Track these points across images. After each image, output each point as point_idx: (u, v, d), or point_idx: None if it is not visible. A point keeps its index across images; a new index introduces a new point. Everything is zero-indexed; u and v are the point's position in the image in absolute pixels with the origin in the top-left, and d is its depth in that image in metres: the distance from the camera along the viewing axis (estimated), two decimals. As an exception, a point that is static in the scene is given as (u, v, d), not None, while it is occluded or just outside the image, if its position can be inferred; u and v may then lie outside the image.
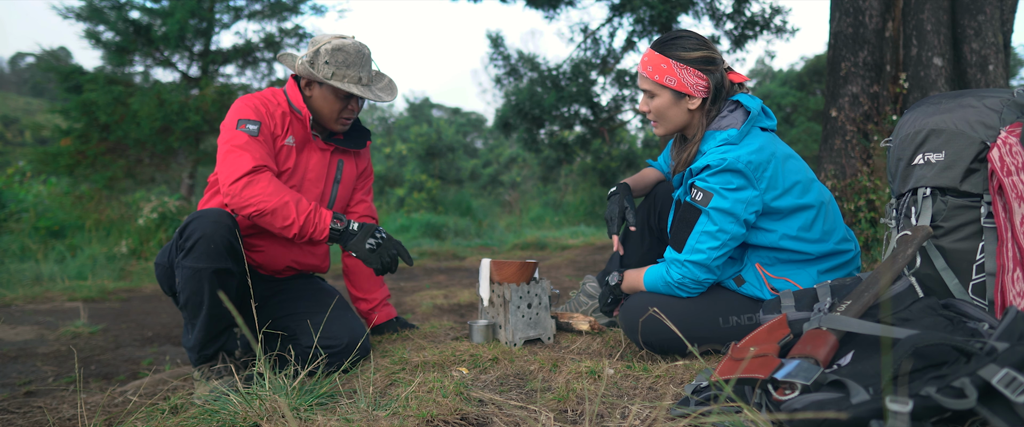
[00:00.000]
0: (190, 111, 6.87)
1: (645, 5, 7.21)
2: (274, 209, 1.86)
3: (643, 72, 1.90)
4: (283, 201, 1.86)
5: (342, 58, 2.03)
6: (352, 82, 2.07)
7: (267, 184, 1.87)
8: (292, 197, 1.89)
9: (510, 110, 8.42)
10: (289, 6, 8.12)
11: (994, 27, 3.46)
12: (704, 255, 1.80)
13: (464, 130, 24.95)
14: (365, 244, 1.97)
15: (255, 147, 1.93)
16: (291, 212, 1.87)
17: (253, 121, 1.97)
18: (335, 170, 2.24)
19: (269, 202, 1.85)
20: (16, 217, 6.62)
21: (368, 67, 2.12)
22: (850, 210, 3.58)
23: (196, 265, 1.77)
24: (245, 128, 1.95)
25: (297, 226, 1.89)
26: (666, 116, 1.92)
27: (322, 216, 1.94)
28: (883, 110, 3.76)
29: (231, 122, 1.98)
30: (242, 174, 1.86)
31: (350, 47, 2.05)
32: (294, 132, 2.11)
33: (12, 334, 3.10)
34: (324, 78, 2.03)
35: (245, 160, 1.88)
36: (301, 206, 1.90)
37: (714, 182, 1.77)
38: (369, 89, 2.10)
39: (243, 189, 1.85)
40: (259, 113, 2.00)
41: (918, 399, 1.02)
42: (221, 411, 1.49)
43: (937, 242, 1.59)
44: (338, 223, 1.96)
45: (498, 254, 6.94)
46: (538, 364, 1.85)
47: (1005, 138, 1.49)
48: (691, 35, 1.87)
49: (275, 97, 2.11)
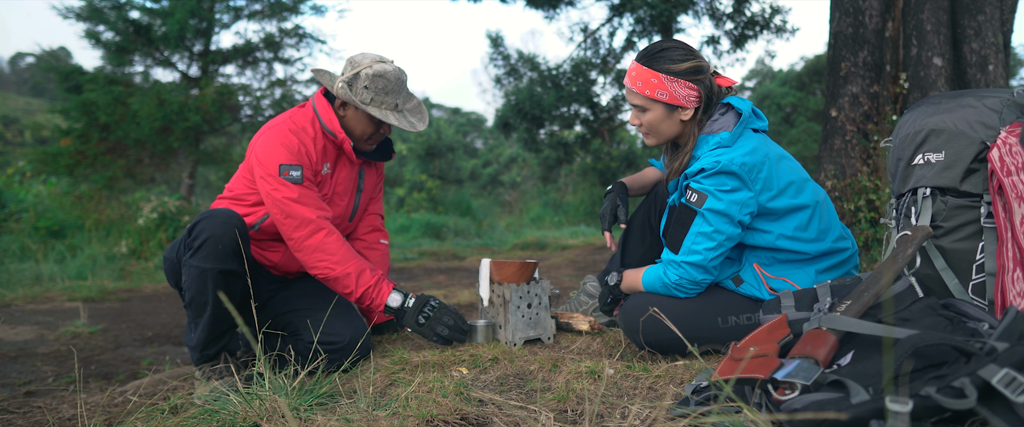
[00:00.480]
0: (190, 111, 6.87)
1: (645, 5, 7.21)
2: (337, 278, 1.98)
3: (632, 87, 1.87)
4: (346, 272, 1.98)
5: (382, 85, 2.03)
6: (389, 109, 2.08)
7: (334, 249, 1.97)
8: (355, 268, 1.99)
9: (510, 110, 8.41)
10: (289, 6, 8.11)
11: (994, 27, 3.46)
12: (700, 256, 1.80)
13: (464, 130, 24.95)
14: (416, 320, 2.04)
15: (307, 197, 1.96)
16: (351, 283, 1.98)
17: (295, 166, 1.97)
18: (358, 180, 2.27)
19: (334, 271, 1.98)
20: (16, 217, 6.62)
21: (405, 93, 2.13)
22: (850, 210, 3.58)
23: (203, 265, 1.78)
24: (289, 176, 1.95)
25: (354, 297, 2.01)
26: (659, 129, 1.91)
27: (381, 292, 2.02)
28: (883, 110, 3.76)
29: (271, 165, 1.95)
30: (308, 234, 1.95)
31: (391, 74, 2.05)
32: (329, 156, 2.12)
33: (12, 334, 3.09)
34: (361, 103, 2.02)
35: (304, 214, 1.95)
36: (362, 279, 1.99)
37: (708, 184, 1.78)
38: (404, 116, 2.12)
39: (313, 252, 1.96)
40: (298, 154, 1.98)
41: (918, 399, 1.02)
42: (221, 411, 1.49)
43: (937, 242, 1.59)
44: (394, 302, 2.04)
45: (498, 254, 6.94)
46: (538, 364, 1.85)
47: (1005, 138, 1.49)
48: (676, 45, 1.85)
49: (307, 124, 2.08)
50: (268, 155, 1.96)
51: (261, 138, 2.01)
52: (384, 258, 2.43)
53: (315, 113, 2.09)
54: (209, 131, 7.65)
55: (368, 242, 2.42)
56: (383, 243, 2.45)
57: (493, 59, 9.23)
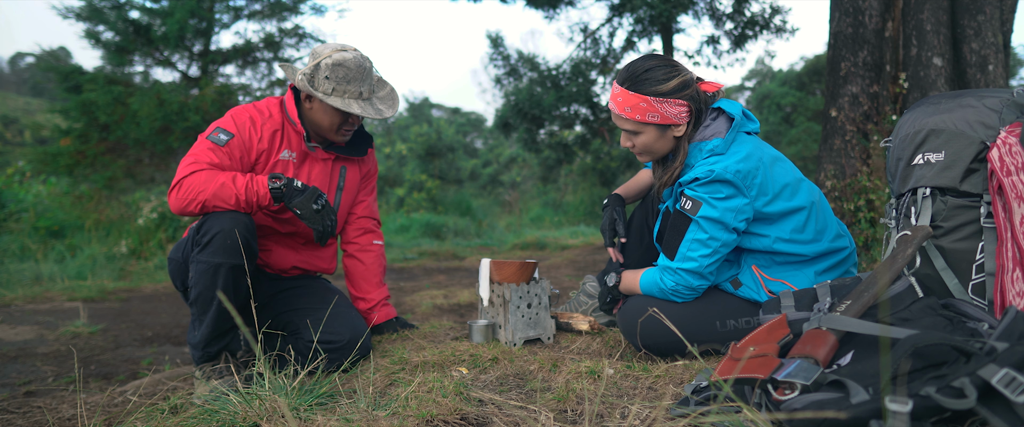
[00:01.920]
0: (190, 111, 6.86)
1: (645, 5, 7.20)
2: (215, 193, 1.83)
3: (621, 114, 1.84)
4: (219, 182, 1.83)
5: (342, 74, 1.99)
6: (352, 98, 2.04)
7: (199, 178, 1.83)
8: (227, 176, 1.85)
9: (510, 110, 8.41)
10: (289, 6, 8.11)
11: (994, 27, 3.46)
12: (696, 263, 1.80)
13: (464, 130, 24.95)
14: (311, 205, 1.92)
15: (209, 155, 1.90)
16: (229, 188, 1.83)
17: (227, 131, 1.96)
18: (338, 178, 2.23)
19: (209, 187, 1.82)
20: (16, 217, 6.62)
21: (370, 80, 2.09)
22: (850, 210, 3.58)
23: (212, 259, 1.79)
24: (216, 137, 1.94)
25: (241, 199, 1.85)
26: (653, 149, 1.90)
27: (258, 181, 1.89)
28: (883, 110, 3.76)
29: (207, 131, 1.97)
30: (180, 178, 1.84)
31: (351, 62, 2.00)
32: (291, 146, 2.09)
33: (12, 334, 3.09)
34: (324, 94, 2.00)
35: (187, 164, 1.86)
36: (238, 181, 1.86)
37: (702, 192, 1.77)
38: (370, 103, 2.08)
39: (178, 192, 1.83)
40: (239, 124, 1.98)
41: (918, 399, 1.02)
42: (221, 411, 1.49)
43: (937, 242, 1.59)
44: (276, 181, 1.89)
45: (498, 254, 6.94)
46: (538, 364, 1.85)
47: (1005, 138, 1.49)
48: (658, 63, 1.82)
49: (270, 109, 2.08)
50: (216, 123, 1.99)
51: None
52: (379, 259, 2.42)
53: (281, 102, 2.11)
54: (209, 131, 7.64)
55: (361, 245, 2.39)
56: (376, 244, 2.42)
57: (493, 59, 9.23)
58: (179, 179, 1.85)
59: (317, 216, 1.94)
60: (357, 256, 2.38)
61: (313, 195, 1.94)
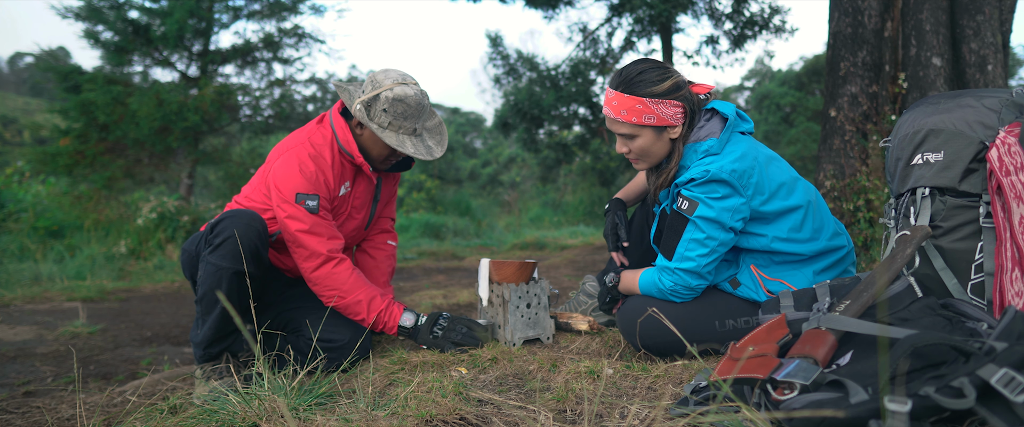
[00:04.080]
0: (189, 111, 6.86)
1: (644, 5, 7.21)
2: (346, 305, 2.00)
3: (617, 117, 1.84)
4: (356, 300, 1.99)
5: (401, 110, 1.97)
6: (407, 134, 2.02)
7: (344, 276, 1.98)
8: (366, 296, 2.00)
9: (509, 110, 8.42)
10: (288, 6, 8.11)
11: (993, 27, 3.46)
12: (694, 263, 1.80)
13: (463, 130, 24.95)
14: (429, 335, 2.05)
15: (320, 227, 1.95)
16: (362, 310, 2.00)
17: (312, 196, 1.94)
18: (375, 190, 2.25)
19: (345, 299, 2.00)
20: (15, 217, 6.61)
21: (425, 117, 2.08)
22: (849, 210, 3.58)
23: (220, 263, 1.79)
24: (305, 205, 1.93)
25: (367, 323, 2.03)
26: (650, 153, 1.89)
27: (393, 315, 2.04)
28: (882, 110, 3.77)
29: (288, 192, 1.92)
30: (317, 265, 1.96)
31: (412, 99, 1.98)
32: (346, 176, 2.09)
33: (11, 334, 3.09)
34: (379, 127, 1.98)
35: (315, 247, 1.94)
36: (373, 305, 2.01)
37: (699, 192, 1.77)
38: (421, 140, 2.07)
39: (324, 279, 1.97)
40: (316, 183, 1.95)
41: (917, 399, 1.02)
42: (220, 411, 1.48)
43: (936, 242, 1.59)
44: (408, 322, 2.06)
45: (497, 254, 6.94)
46: (537, 364, 1.85)
47: (1004, 138, 1.49)
48: (650, 65, 1.83)
49: (325, 147, 2.03)
50: (286, 180, 1.93)
51: (280, 159, 1.98)
52: (390, 259, 2.43)
53: (334, 134, 2.05)
54: (208, 131, 7.65)
55: (375, 242, 2.41)
56: (390, 245, 2.45)
57: (492, 59, 9.24)
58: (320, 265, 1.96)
59: (440, 340, 2.06)
60: (371, 253, 2.39)
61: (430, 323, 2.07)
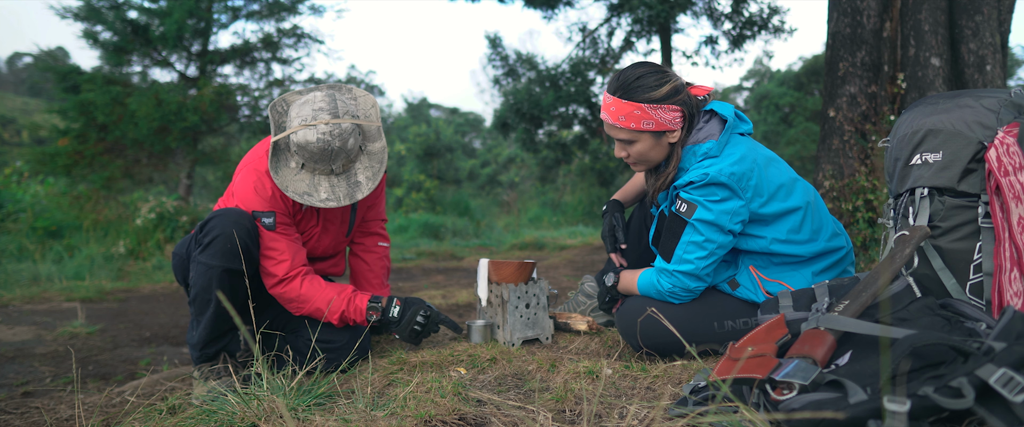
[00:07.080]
0: (188, 111, 6.86)
1: (643, 5, 7.21)
2: (309, 314, 1.99)
3: (615, 123, 1.83)
4: (315, 307, 1.97)
5: (308, 156, 1.84)
6: (322, 175, 1.89)
7: (303, 291, 1.96)
8: (323, 301, 1.97)
9: (508, 110, 8.41)
10: (287, 6, 8.10)
11: (991, 27, 3.46)
12: (692, 265, 1.80)
13: (462, 130, 24.95)
14: (411, 328, 2.02)
15: (277, 244, 1.92)
16: (323, 313, 1.98)
17: (267, 213, 1.91)
18: None
19: (303, 309, 1.98)
20: (14, 217, 6.61)
21: (342, 157, 1.88)
22: (848, 210, 3.58)
23: (210, 262, 1.79)
24: (262, 222, 1.91)
25: (335, 321, 1.99)
26: (648, 157, 1.89)
27: (357, 307, 2.00)
28: (881, 110, 3.77)
29: (246, 209, 1.90)
30: (275, 283, 1.95)
31: (314, 146, 1.80)
32: None
33: (10, 334, 3.09)
34: (295, 168, 1.89)
35: (271, 269, 1.93)
36: (333, 306, 1.98)
37: (698, 194, 1.77)
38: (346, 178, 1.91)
39: (282, 295, 1.96)
40: (270, 199, 1.91)
41: (916, 399, 1.03)
42: (219, 411, 1.48)
43: (935, 242, 1.60)
44: (372, 314, 2.01)
45: (496, 254, 6.94)
46: (536, 364, 1.85)
47: (1002, 138, 1.50)
48: (648, 70, 1.82)
49: None
50: (243, 198, 1.91)
51: (240, 174, 1.96)
52: (382, 260, 2.42)
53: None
54: (207, 131, 7.64)
55: (366, 246, 2.40)
56: (382, 246, 2.43)
57: (491, 59, 9.24)
58: (278, 282, 1.94)
59: (417, 336, 2.04)
60: (362, 256, 2.39)
61: (410, 320, 2.02)
